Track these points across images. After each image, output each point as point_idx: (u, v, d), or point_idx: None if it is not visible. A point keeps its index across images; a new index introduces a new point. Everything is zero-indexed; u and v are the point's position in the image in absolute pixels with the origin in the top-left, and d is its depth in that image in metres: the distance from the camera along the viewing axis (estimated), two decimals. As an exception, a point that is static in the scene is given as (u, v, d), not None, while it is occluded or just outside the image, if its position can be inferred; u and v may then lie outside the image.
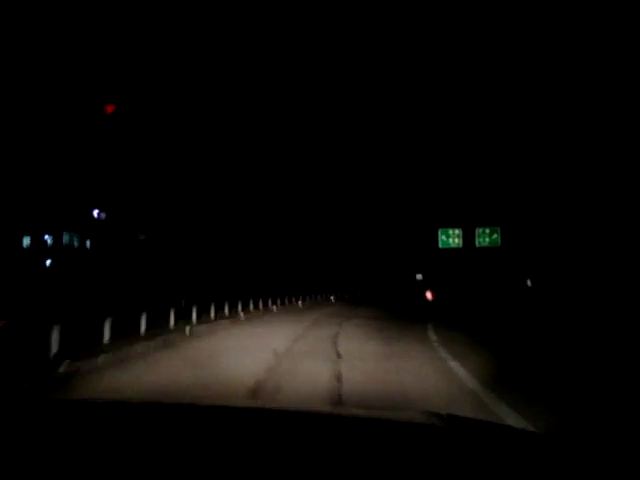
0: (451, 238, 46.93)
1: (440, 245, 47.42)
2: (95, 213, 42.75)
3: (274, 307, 26.46)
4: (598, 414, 5.52)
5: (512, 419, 5.09)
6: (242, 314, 20.21)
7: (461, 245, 46.54)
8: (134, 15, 30.95)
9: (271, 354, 9.86)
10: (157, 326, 12.83)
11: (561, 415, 5.46)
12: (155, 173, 37.91)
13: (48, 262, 35.42)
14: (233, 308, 20.45)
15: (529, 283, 50.48)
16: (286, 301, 30.59)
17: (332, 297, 41.31)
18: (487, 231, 45.24)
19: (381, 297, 43.10)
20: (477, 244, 45.24)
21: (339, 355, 10.05)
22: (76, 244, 39.90)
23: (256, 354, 9.84)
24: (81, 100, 29.87)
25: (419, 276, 59.79)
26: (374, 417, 2.10)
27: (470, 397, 6.36)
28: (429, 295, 39.32)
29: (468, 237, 46.36)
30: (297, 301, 32.63)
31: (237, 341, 12.61)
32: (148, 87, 31.47)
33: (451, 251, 48.65)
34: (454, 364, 8.86)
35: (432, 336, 13.72)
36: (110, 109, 27.71)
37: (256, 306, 24.48)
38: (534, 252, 50.43)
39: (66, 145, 32.20)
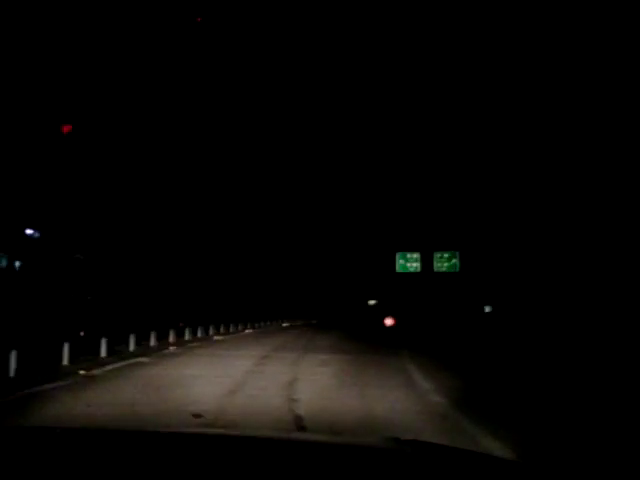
0: (409, 262, 45.24)
1: (398, 269, 45.64)
2: (28, 232, 39.55)
3: (215, 336, 23.82)
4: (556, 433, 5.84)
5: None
6: (171, 347, 16.97)
7: (419, 269, 44.90)
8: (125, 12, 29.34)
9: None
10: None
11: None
12: (95, 191, 35.19)
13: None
14: (163, 338, 17.73)
15: (487, 309, 49.12)
16: (231, 328, 27.98)
17: (285, 323, 38.81)
18: (446, 255, 43.75)
19: (337, 323, 40.79)
20: (435, 269, 43.65)
21: (300, 422, 6.65)
22: (4, 264, 36.38)
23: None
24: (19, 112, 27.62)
25: (372, 302, 57.93)
26: (337, 443, 2.13)
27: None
28: (389, 321, 37.31)
29: (427, 261, 44.76)
30: (244, 329, 30.03)
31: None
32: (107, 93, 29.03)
33: (409, 275, 46.99)
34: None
35: (422, 383, 10.23)
36: (67, 129, 27.01)
37: (194, 334, 21.90)
38: (493, 277, 49.17)
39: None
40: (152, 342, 16.70)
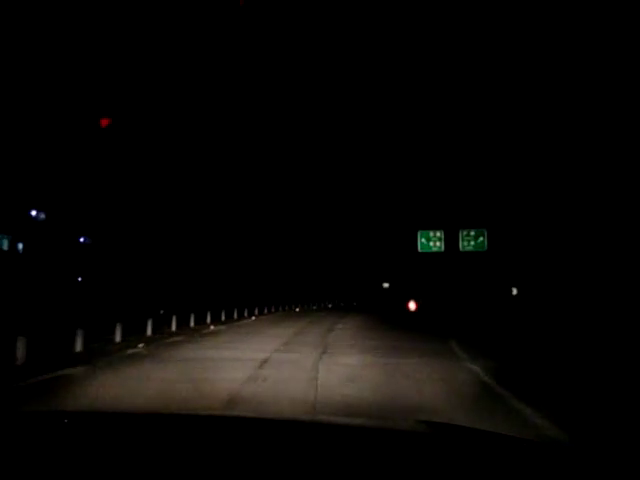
0: (432, 241, 42.61)
1: (419, 249, 43.08)
2: (33, 213, 37.83)
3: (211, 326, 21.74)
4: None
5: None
6: (212, 326, 18.81)
7: (443, 249, 42.26)
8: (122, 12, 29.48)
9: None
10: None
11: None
12: (106, 173, 33.69)
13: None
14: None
15: (515, 291, 46.52)
16: (245, 312, 26.15)
17: (297, 308, 36.71)
18: (472, 233, 41.01)
19: (358, 307, 38.62)
20: (461, 248, 41.01)
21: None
22: (5, 247, 34.75)
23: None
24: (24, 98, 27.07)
25: (386, 284, 55.69)
26: (368, 426, 2.09)
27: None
28: (412, 306, 34.89)
29: (451, 240, 42.15)
30: (257, 314, 28.07)
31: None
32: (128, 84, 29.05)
33: (431, 256, 44.42)
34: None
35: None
36: (105, 122, 26.97)
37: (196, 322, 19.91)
38: (520, 258, 46.50)
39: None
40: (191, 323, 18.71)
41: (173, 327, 17.43)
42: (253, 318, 26.15)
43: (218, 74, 37.77)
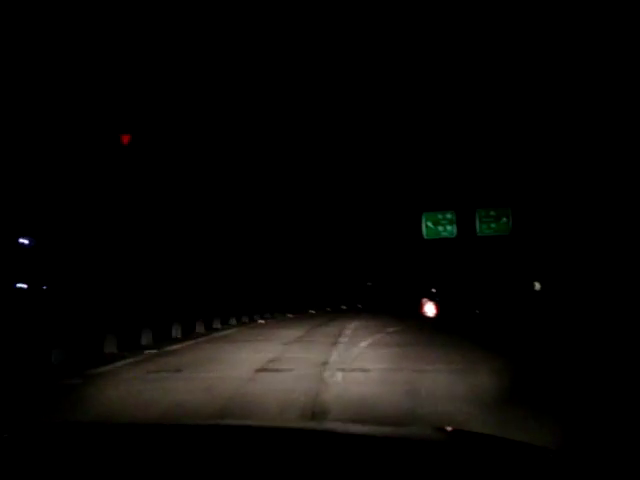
0: (441, 225, 34.06)
1: (425, 235, 34.50)
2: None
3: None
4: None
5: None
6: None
7: (455, 234, 33.70)
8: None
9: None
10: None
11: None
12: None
13: None
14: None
15: (537, 286, 37.78)
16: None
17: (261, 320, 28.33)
18: (492, 213, 32.44)
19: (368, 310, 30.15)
20: (479, 231, 32.43)
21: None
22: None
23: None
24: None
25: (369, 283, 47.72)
26: (378, 434, 2.05)
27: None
28: (430, 309, 25.64)
29: (465, 223, 33.62)
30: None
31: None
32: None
33: (441, 243, 35.90)
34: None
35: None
36: (126, 139, 27.05)
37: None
38: (548, 245, 37.87)
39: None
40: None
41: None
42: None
43: (216, 69, 36.54)
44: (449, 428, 2.18)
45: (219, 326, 19.28)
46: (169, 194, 32.29)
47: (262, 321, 21.35)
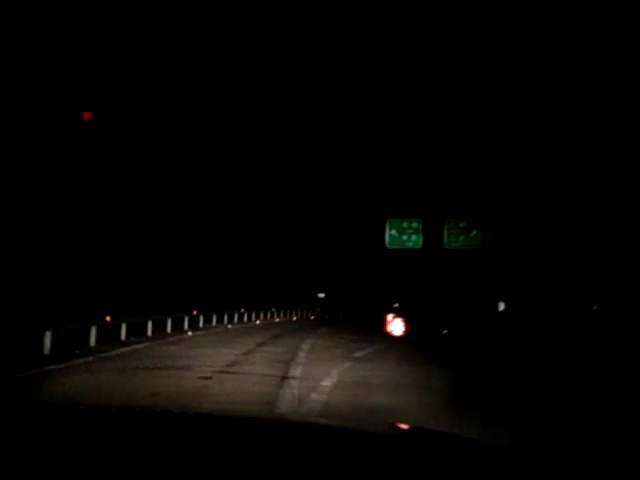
0: (405, 234, 31.73)
1: (387, 244, 32.08)
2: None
3: None
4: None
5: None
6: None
7: (420, 244, 31.41)
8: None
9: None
10: None
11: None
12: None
13: None
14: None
15: (502, 307, 35.97)
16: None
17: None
18: (461, 225, 30.28)
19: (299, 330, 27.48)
20: (446, 243, 30.22)
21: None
22: None
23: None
24: None
25: (321, 294, 45.05)
26: (340, 427, 2.05)
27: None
28: (397, 328, 22.93)
29: (431, 234, 31.40)
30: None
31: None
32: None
33: (405, 253, 33.68)
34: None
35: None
36: (87, 115, 26.38)
37: None
38: (513, 263, 36.14)
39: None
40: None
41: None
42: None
43: (212, 70, 36.60)
44: (404, 425, 2.21)
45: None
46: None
47: (190, 333, 18.38)
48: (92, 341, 12.83)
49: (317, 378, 8.68)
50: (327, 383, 8.28)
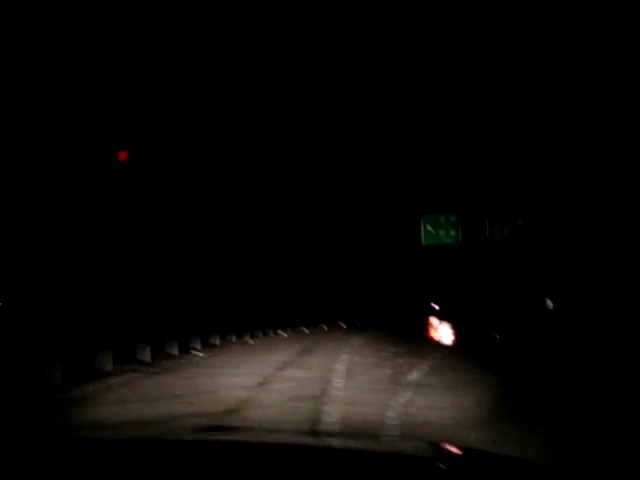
0: (443, 229, 29.11)
1: (423, 241, 29.49)
2: None
3: None
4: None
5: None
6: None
7: (460, 240, 28.75)
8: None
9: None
10: None
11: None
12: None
13: None
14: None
15: (550, 304, 32.97)
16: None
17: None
18: (505, 216, 27.55)
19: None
20: (489, 237, 27.50)
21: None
22: None
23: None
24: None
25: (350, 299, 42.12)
26: (366, 450, 2.00)
27: None
28: (446, 334, 19.61)
29: (472, 227, 28.73)
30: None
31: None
32: None
33: (443, 250, 30.99)
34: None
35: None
36: (123, 156, 26.30)
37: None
38: (557, 256, 33.12)
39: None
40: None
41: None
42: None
43: (213, 70, 34.80)
44: (443, 443, 2.20)
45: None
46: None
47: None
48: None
49: (365, 427, 6.19)
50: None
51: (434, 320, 20.42)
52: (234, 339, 20.47)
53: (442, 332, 18.85)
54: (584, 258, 31.64)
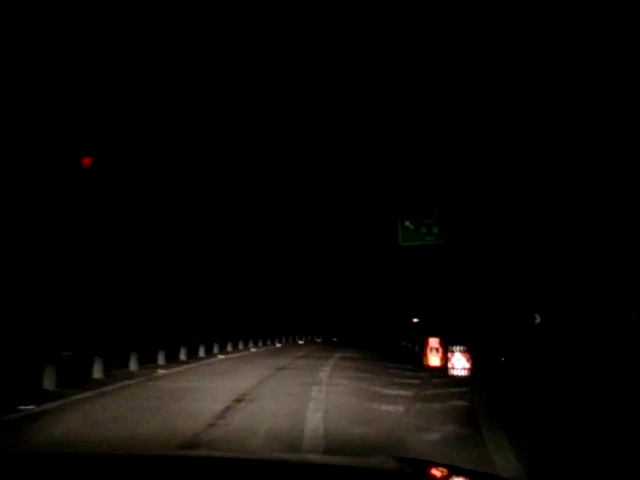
0: (423, 227, 26.14)
1: (401, 240, 26.49)
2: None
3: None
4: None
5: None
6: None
7: (444, 239, 25.79)
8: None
9: None
10: None
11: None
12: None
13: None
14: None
15: (537, 319, 30.20)
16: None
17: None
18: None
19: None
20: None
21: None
22: None
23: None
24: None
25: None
26: (342, 465, 2.04)
27: None
28: (460, 364, 14.47)
29: (456, 225, 25.81)
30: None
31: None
32: None
33: (421, 250, 27.86)
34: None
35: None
36: (87, 161, 25.41)
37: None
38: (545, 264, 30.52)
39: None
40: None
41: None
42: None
43: (209, 72, 34.37)
44: (410, 458, 2.17)
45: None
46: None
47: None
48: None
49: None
50: None
51: (433, 341, 15.88)
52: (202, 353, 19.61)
53: (456, 362, 13.91)
54: (566, 271, 29.25)
